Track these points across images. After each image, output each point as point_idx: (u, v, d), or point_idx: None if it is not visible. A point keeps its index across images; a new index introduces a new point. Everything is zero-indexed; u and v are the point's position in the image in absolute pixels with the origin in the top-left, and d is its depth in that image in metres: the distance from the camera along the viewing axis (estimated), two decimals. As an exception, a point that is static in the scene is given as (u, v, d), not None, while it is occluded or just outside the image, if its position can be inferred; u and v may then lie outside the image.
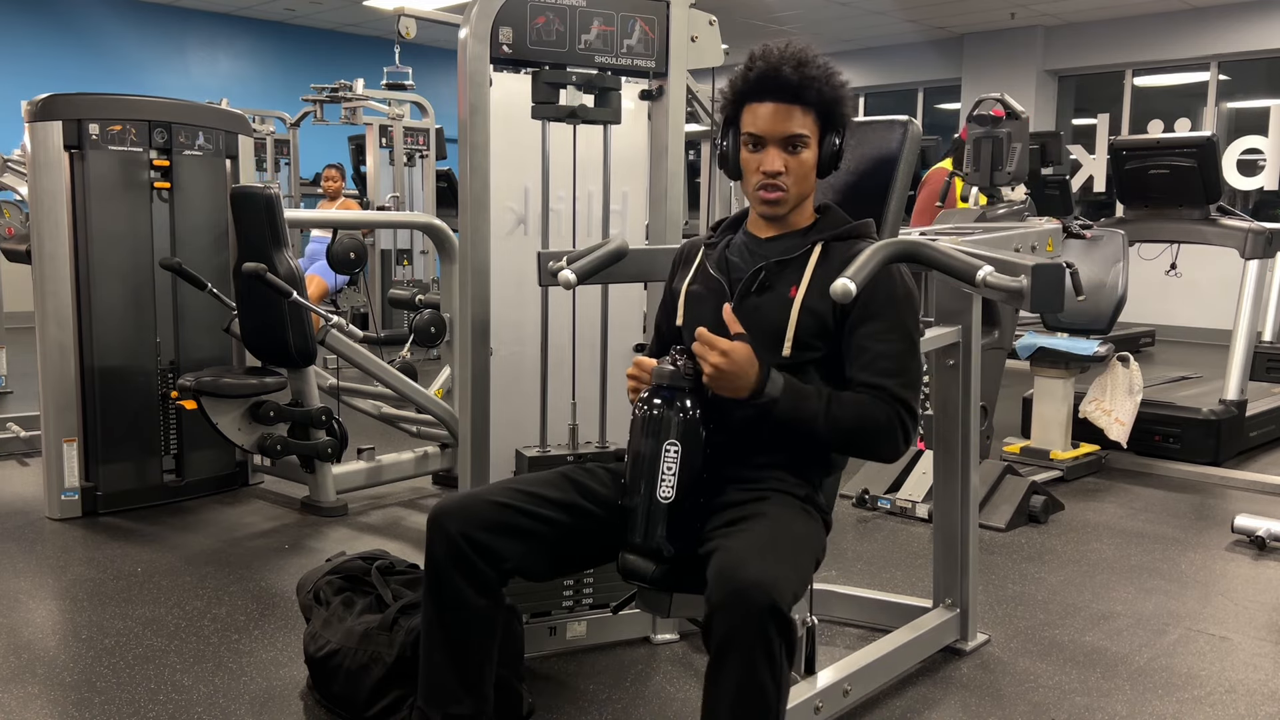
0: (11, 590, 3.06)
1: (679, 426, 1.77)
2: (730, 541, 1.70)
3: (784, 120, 1.89)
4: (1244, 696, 2.47)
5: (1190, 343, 8.98)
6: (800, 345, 1.90)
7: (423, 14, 5.11)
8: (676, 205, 2.70)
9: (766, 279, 1.95)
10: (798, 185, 1.94)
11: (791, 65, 1.88)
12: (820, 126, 1.93)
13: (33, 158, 3.68)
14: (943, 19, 10.21)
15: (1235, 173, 7.92)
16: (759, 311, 1.94)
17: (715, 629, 1.59)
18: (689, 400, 1.79)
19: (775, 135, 1.90)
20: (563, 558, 1.97)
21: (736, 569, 1.61)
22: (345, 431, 3.92)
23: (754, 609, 1.56)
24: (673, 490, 1.76)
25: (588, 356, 2.67)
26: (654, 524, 1.77)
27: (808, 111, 1.90)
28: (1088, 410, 4.41)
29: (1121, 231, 4.48)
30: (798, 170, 1.92)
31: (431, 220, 4.42)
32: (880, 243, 1.86)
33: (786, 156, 1.91)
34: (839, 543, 3.55)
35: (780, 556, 1.68)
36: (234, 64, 11.15)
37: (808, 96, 1.89)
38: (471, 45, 2.38)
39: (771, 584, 1.58)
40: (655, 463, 1.76)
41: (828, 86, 1.90)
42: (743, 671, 1.57)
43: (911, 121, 2.29)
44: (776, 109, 1.89)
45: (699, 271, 2.07)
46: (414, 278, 7.99)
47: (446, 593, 1.87)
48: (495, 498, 1.89)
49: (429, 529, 1.88)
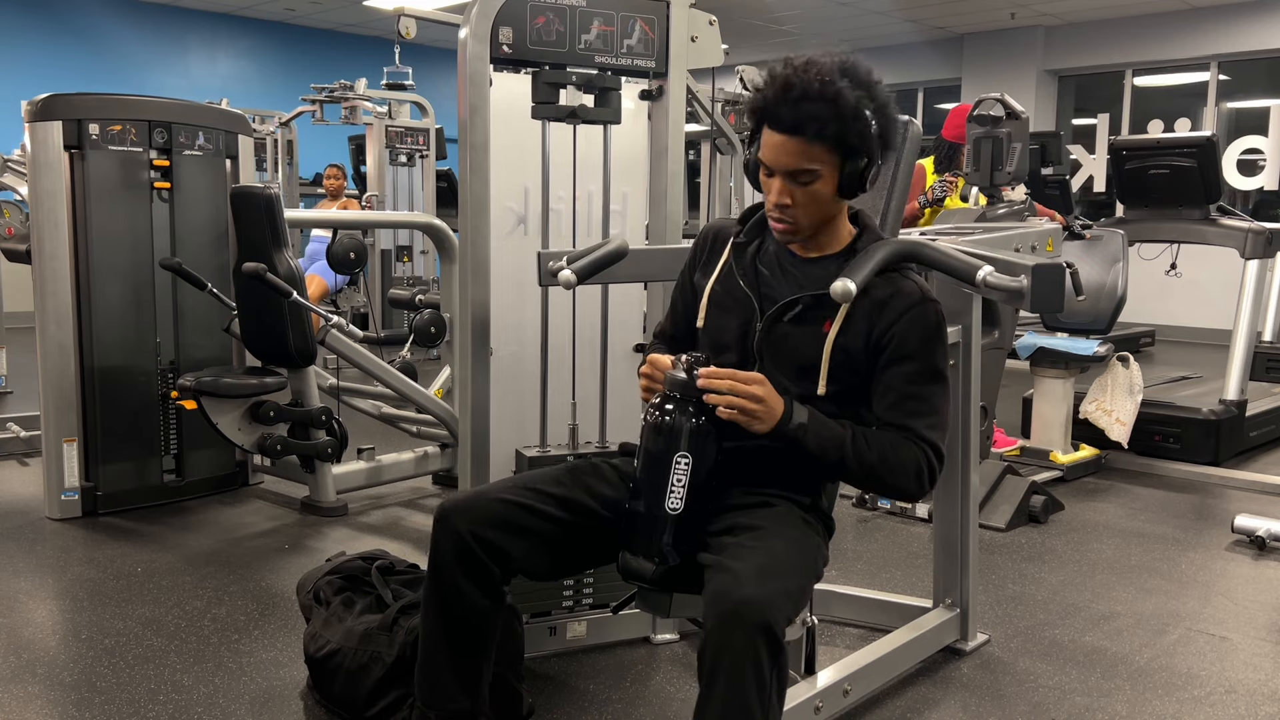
0: (11, 590, 3.06)
1: (690, 438, 1.74)
2: (728, 560, 1.67)
3: (789, 154, 1.78)
4: (1244, 696, 2.47)
5: (1190, 343, 8.98)
6: (833, 380, 1.86)
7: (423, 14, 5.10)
8: (676, 205, 2.70)
9: (802, 311, 1.88)
10: (809, 216, 1.85)
11: (793, 101, 1.75)
12: (837, 154, 1.79)
13: (33, 158, 3.68)
14: (943, 19, 10.20)
15: (1235, 173, 7.93)
16: (788, 340, 1.89)
17: (707, 649, 1.57)
18: (703, 411, 1.76)
19: (780, 168, 1.80)
20: (568, 555, 1.96)
21: (732, 589, 1.58)
22: (345, 431, 3.92)
23: (745, 628, 1.54)
24: (681, 502, 1.74)
25: (588, 356, 2.67)
26: (659, 533, 1.76)
27: (814, 143, 1.76)
28: (1088, 410, 4.41)
29: (1121, 231, 4.48)
30: (808, 203, 1.82)
31: (431, 220, 4.42)
32: (880, 243, 1.86)
33: (794, 188, 1.81)
34: (839, 543, 3.55)
35: (778, 576, 1.66)
36: (234, 64, 11.15)
37: (810, 131, 1.75)
38: (471, 45, 2.38)
39: (766, 604, 1.56)
40: (665, 473, 1.74)
41: (834, 121, 1.74)
42: (730, 691, 1.54)
43: (911, 121, 2.29)
44: (784, 142, 1.77)
45: (725, 274, 1.98)
46: (414, 274, 7.98)
47: (449, 591, 1.86)
48: (504, 495, 1.88)
49: (436, 525, 1.87)
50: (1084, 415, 4.42)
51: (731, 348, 1.94)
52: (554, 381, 2.60)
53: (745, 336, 1.93)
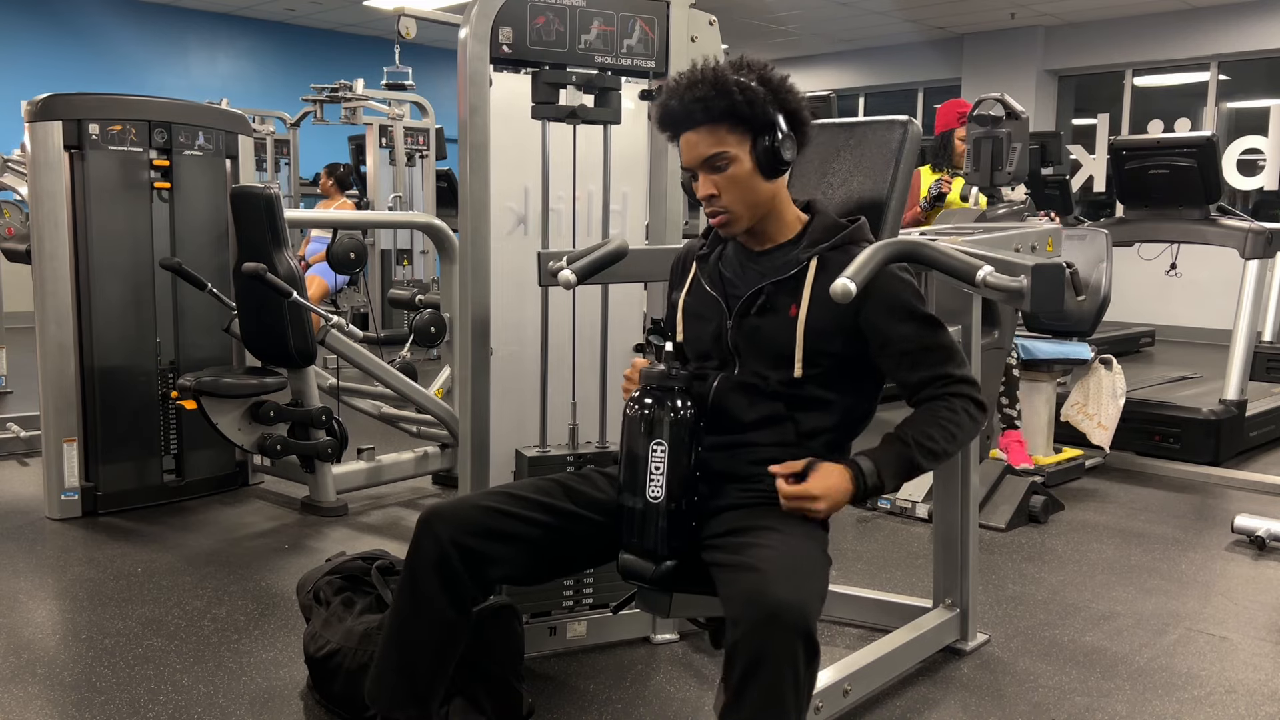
0: (11, 590, 3.06)
1: (666, 426, 1.77)
2: (752, 559, 1.67)
3: (694, 146, 1.86)
4: (1244, 696, 2.47)
5: (1190, 343, 8.98)
6: (810, 362, 1.90)
7: (423, 14, 5.11)
8: (676, 205, 2.70)
9: (766, 301, 1.93)
10: (740, 201, 1.89)
11: (678, 96, 1.84)
12: (743, 132, 1.85)
13: (33, 158, 3.68)
14: (943, 19, 10.20)
15: (1235, 173, 7.93)
16: (760, 332, 1.93)
17: (741, 650, 1.57)
18: (678, 400, 1.79)
19: (695, 163, 1.88)
20: (553, 562, 1.96)
21: (765, 591, 1.58)
22: (345, 431, 3.91)
23: (788, 632, 1.55)
24: (661, 490, 1.76)
25: (588, 356, 2.67)
26: (649, 525, 1.77)
27: (715, 128, 1.84)
28: (1069, 414, 4.37)
29: (1105, 231, 4.43)
30: (731, 188, 1.88)
31: (431, 220, 4.43)
32: (880, 243, 1.86)
33: (715, 178, 1.87)
34: (839, 543, 3.55)
35: (807, 576, 1.68)
36: (234, 64, 11.15)
37: (700, 117, 1.83)
38: (471, 45, 2.38)
39: (802, 607, 1.58)
40: (644, 462, 1.77)
41: (720, 97, 1.81)
42: (767, 693, 1.55)
43: (911, 121, 2.29)
44: (686, 139, 1.87)
45: (693, 285, 2.06)
46: (414, 278, 7.99)
47: (420, 598, 1.86)
48: (487, 503, 1.89)
49: (418, 530, 1.86)
50: (1065, 418, 4.39)
51: (710, 352, 1.99)
52: (554, 381, 2.60)
53: (719, 337, 1.97)
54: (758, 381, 1.92)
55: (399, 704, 1.90)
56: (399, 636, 1.89)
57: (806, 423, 1.92)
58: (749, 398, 1.92)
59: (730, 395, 1.93)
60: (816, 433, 1.93)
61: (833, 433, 1.95)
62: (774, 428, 1.91)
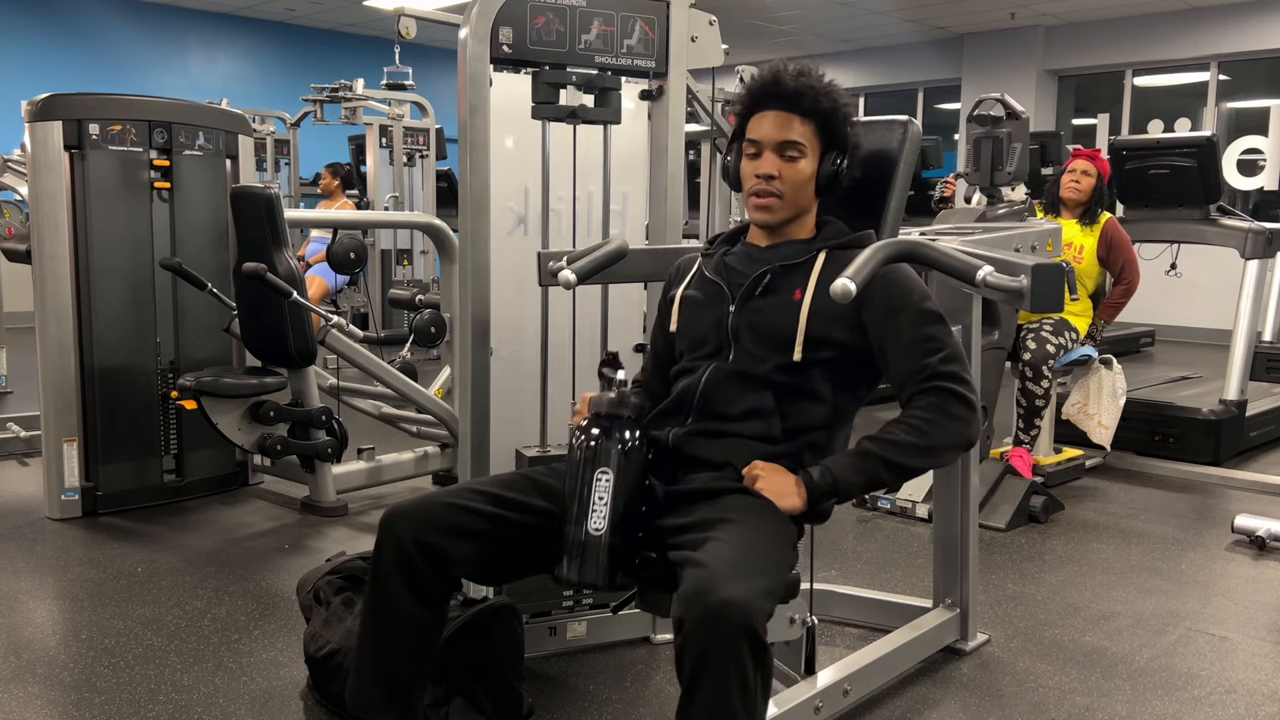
0: (11, 590, 3.06)
1: (613, 456, 1.74)
2: (702, 555, 1.63)
3: (782, 127, 1.95)
4: (1244, 696, 2.47)
5: (1190, 343, 8.98)
6: (810, 347, 1.90)
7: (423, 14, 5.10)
8: (676, 205, 2.70)
9: (771, 282, 1.95)
10: (793, 193, 1.96)
11: (791, 75, 1.95)
12: (821, 141, 1.98)
13: (33, 158, 3.68)
14: (943, 19, 10.20)
15: (1235, 173, 7.92)
16: (762, 314, 1.94)
17: (688, 653, 1.53)
18: (626, 431, 1.75)
19: (772, 140, 1.95)
20: (518, 559, 1.93)
21: (710, 589, 1.53)
22: (345, 431, 3.91)
23: (728, 631, 1.50)
24: (604, 522, 1.71)
25: (588, 356, 2.67)
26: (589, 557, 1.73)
27: (806, 121, 1.96)
28: (1070, 413, 4.38)
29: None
30: (793, 178, 1.96)
31: (431, 220, 4.42)
32: (880, 243, 1.87)
33: (781, 163, 1.95)
34: (839, 543, 3.55)
35: (755, 570, 1.62)
36: (234, 64, 11.15)
37: (804, 104, 1.94)
38: (471, 45, 2.38)
39: (746, 605, 1.52)
40: (587, 491, 1.73)
41: (826, 97, 1.95)
42: (713, 697, 1.51)
43: (911, 121, 2.29)
44: (776, 116, 1.96)
45: (695, 278, 2.08)
46: (414, 278, 7.99)
47: (386, 598, 1.85)
48: (450, 499, 1.87)
49: (380, 531, 1.85)
50: (1066, 416, 4.39)
51: (708, 338, 2.00)
52: (554, 381, 2.60)
53: (719, 323, 1.98)
54: (752, 367, 1.92)
55: (377, 707, 1.89)
56: (371, 639, 1.88)
57: (793, 417, 1.92)
58: (739, 386, 1.93)
59: (721, 384, 1.94)
60: (800, 430, 1.93)
61: (817, 431, 1.94)
62: (759, 420, 1.91)
